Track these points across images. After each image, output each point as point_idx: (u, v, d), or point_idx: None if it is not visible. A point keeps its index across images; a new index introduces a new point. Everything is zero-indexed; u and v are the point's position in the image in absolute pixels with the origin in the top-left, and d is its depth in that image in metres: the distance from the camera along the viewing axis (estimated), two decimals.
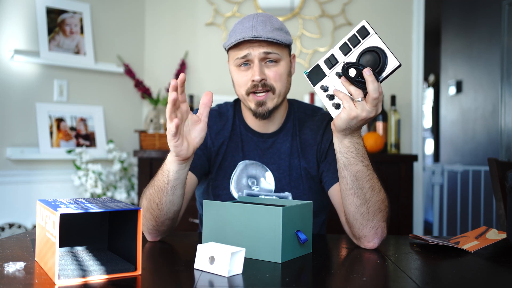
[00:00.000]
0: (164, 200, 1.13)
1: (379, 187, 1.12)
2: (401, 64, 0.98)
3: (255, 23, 1.23)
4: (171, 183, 1.10)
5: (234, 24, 1.29)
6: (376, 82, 0.98)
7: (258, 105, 1.26)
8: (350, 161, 1.08)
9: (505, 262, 1.07)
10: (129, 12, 2.86)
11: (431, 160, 6.58)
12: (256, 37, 1.20)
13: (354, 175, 1.08)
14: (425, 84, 6.61)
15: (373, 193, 1.10)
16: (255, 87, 1.24)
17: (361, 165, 1.08)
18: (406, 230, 2.45)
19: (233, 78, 1.29)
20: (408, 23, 2.90)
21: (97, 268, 0.88)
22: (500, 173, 1.64)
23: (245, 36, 1.20)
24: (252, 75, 1.23)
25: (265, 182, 1.32)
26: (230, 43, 1.24)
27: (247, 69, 1.25)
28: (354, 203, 1.10)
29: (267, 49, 1.22)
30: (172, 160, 1.08)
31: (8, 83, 2.45)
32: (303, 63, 2.87)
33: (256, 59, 1.22)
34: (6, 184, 2.43)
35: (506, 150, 3.42)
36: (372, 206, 1.10)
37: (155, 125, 2.68)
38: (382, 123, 2.62)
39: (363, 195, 1.09)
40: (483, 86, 4.10)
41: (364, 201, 1.09)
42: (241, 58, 1.24)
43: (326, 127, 1.35)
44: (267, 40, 1.21)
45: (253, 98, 1.25)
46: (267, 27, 1.23)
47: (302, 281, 0.93)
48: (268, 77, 1.24)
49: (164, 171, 1.11)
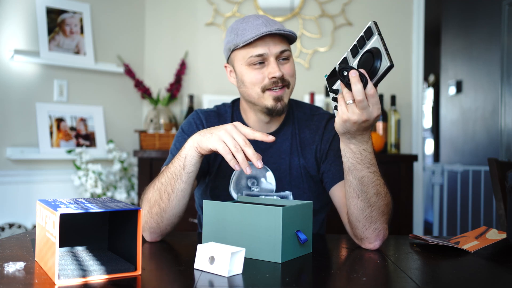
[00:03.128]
0: (177, 187, 1.14)
1: (385, 192, 1.11)
2: (393, 65, 0.94)
3: (264, 20, 1.24)
4: (187, 168, 1.13)
5: (234, 25, 1.28)
6: (359, 84, 0.95)
7: (276, 101, 1.25)
8: (355, 166, 1.07)
9: (505, 262, 1.07)
10: (129, 12, 2.86)
11: (431, 160, 6.58)
12: (279, 30, 1.21)
13: (359, 179, 1.08)
14: (425, 84, 6.61)
15: (378, 198, 1.09)
16: (274, 83, 1.24)
17: (366, 171, 1.07)
18: (406, 230, 2.45)
19: (244, 77, 1.26)
20: (408, 23, 2.90)
21: (97, 268, 0.88)
22: (500, 173, 1.64)
23: (268, 30, 1.20)
24: (270, 72, 1.23)
25: (265, 182, 1.32)
26: (249, 38, 1.21)
27: (262, 67, 1.24)
28: (358, 206, 1.10)
29: (282, 46, 1.24)
30: (192, 147, 1.13)
31: (8, 83, 2.45)
32: (303, 63, 2.87)
33: (272, 57, 1.23)
34: (6, 184, 2.43)
35: (506, 150, 3.42)
36: (376, 210, 1.10)
37: (155, 125, 2.68)
38: (382, 123, 2.62)
39: (367, 199, 1.09)
40: (483, 86, 4.10)
41: (368, 205, 1.09)
42: (257, 56, 1.23)
43: (325, 127, 1.35)
44: (285, 36, 1.23)
45: (270, 95, 1.25)
46: (277, 24, 1.26)
47: (302, 281, 0.93)
48: (283, 72, 1.25)
49: (181, 155, 1.14)
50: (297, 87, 2.85)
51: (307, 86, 2.85)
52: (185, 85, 2.89)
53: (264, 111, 1.28)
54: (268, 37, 1.22)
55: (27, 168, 2.49)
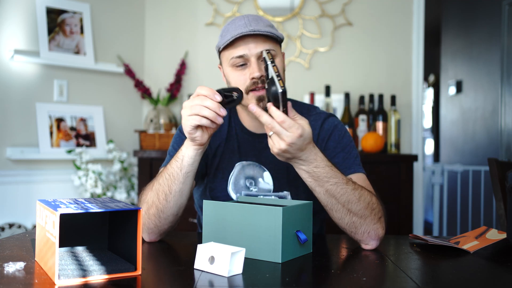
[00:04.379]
0: (174, 188, 1.15)
1: (358, 196, 1.11)
2: (284, 90, 1.01)
3: (247, 21, 1.24)
4: (184, 169, 1.14)
5: (224, 25, 1.29)
6: (265, 115, 1.04)
7: (259, 101, 1.25)
8: (314, 184, 1.10)
9: (505, 262, 1.07)
10: (129, 12, 2.86)
11: (431, 160, 6.58)
12: (253, 31, 1.20)
13: (323, 194, 1.11)
14: (425, 84, 6.61)
15: (351, 204, 1.10)
16: (255, 84, 1.23)
17: (327, 185, 1.09)
18: (406, 230, 2.45)
19: (229, 79, 1.27)
20: (408, 23, 2.90)
21: (97, 268, 0.88)
22: (500, 173, 1.64)
23: (243, 31, 1.19)
24: (250, 73, 1.22)
25: (263, 182, 1.32)
26: (227, 40, 1.22)
27: (244, 68, 1.24)
28: (336, 217, 1.13)
29: (263, 46, 1.22)
30: (188, 145, 1.13)
31: (8, 83, 2.45)
32: (303, 63, 2.87)
33: (253, 57, 1.22)
34: (6, 184, 2.43)
35: (506, 150, 3.42)
36: (355, 215, 1.11)
37: (155, 125, 2.68)
38: (382, 123, 2.62)
39: (341, 209, 1.11)
40: (483, 86, 4.10)
41: (345, 213, 1.11)
42: (237, 57, 1.22)
43: (321, 126, 1.35)
44: (264, 34, 1.21)
45: (253, 95, 1.25)
46: (260, 24, 1.24)
47: (302, 281, 0.93)
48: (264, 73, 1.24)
49: (179, 156, 1.15)
50: (297, 87, 2.87)
51: (307, 86, 2.85)
52: (185, 85, 2.89)
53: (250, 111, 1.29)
54: (249, 38, 1.21)
55: (27, 168, 2.49)
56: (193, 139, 1.11)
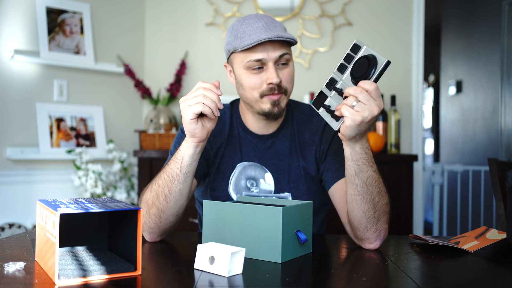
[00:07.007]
0: (174, 189, 1.15)
1: (385, 190, 1.13)
2: (389, 61, 1.00)
3: (264, 24, 1.22)
4: (184, 169, 1.14)
5: (235, 25, 1.26)
6: (353, 86, 1.02)
7: (274, 105, 1.25)
8: (361, 168, 1.08)
9: (505, 262, 1.07)
10: (129, 12, 2.86)
11: (431, 160, 6.58)
12: (277, 37, 1.18)
13: (364, 181, 1.09)
14: (425, 84, 6.61)
15: (380, 197, 1.11)
16: (272, 90, 1.23)
17: (371, 170, 1.09)
18: (406, 230, 2.45)
19: (243, 81, 1.25)
20: (408, 23, 2.90)
21: (97, 268, 0.88)
22: (500, 173, 1.64)
23: (267, 37, 1.17)
24: (268, 78, 1.21)
25: (264, 183, 1.32)
26: (248, 44, 1.19)
27: (260, 71, 1.23)
28: (362, 208, 1.11)
29: (281, 51, 1.21)
30: (188, 144, 1.13)
31: (8, 83, 2.45)
32: (303, 63, 2.87)
33: (271, 62, 1.21)
34: (6, 184, 2.43)
35: (506, 150, 3.42)
36: (378, 210, 1.11)
37: (155, 125, 2.68)
38: (382, 123, 2.62)
39: (371, 200, 1.10)
40: (483, 86, 4.10)
41: (372, 205, 1.10)
42: (255, 61, 1.21)
43: (325, 127, 1.35)
44: (285, 40, 1.20)
45: (268, 99, 1.24)
46: (278, 28, 1.23)
47: (302, 281, 0.93)
48: (281, 79, 1.23)
49: (178, 157, 1.15)
50: (297, 87, 2.86)
51: (307, 86, 2.85)
52: (185, 85, 2.89)
53: (261, 114, 1.29)
54: (267, 42, 1.20)
55: (27, 168, 2.49)
56: (193, 134, 1.11)
